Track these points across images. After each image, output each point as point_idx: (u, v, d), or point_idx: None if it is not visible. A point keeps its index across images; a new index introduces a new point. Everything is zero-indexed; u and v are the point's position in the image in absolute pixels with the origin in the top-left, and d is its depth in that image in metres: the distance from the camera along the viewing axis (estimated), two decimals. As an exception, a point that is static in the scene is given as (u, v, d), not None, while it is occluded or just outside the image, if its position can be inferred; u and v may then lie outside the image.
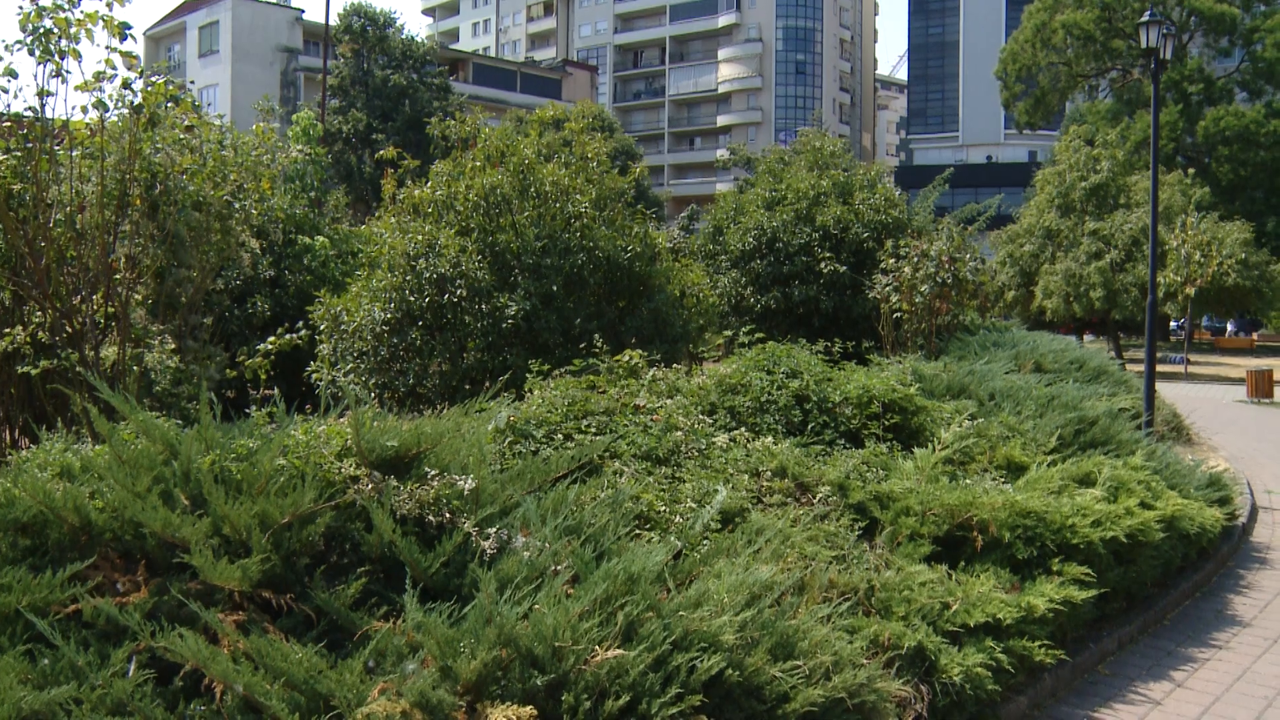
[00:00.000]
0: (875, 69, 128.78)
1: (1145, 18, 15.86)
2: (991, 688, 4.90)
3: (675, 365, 8.88)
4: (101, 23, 7.12)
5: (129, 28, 7.28)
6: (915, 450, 7.16)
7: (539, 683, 3.81)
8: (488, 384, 7.89)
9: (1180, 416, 15.44)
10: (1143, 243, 35.17)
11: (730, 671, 4.06)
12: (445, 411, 5.99)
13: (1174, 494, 7.62)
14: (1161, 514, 6.98)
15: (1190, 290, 35.82)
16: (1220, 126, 59.98)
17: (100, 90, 7.26)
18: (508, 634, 3.87)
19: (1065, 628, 5.84)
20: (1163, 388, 17.49)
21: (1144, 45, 15.84)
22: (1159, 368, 25.10)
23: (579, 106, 54.08)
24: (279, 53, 60.75)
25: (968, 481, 6.68)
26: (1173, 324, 54.74)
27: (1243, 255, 38.73)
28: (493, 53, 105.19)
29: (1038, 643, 5.27)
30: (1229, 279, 37.78)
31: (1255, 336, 64.40)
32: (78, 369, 6.97)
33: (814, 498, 5.98)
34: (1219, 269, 36.80)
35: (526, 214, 11.74)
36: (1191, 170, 49.15)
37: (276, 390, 6.20)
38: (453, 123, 13.04)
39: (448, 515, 4.64)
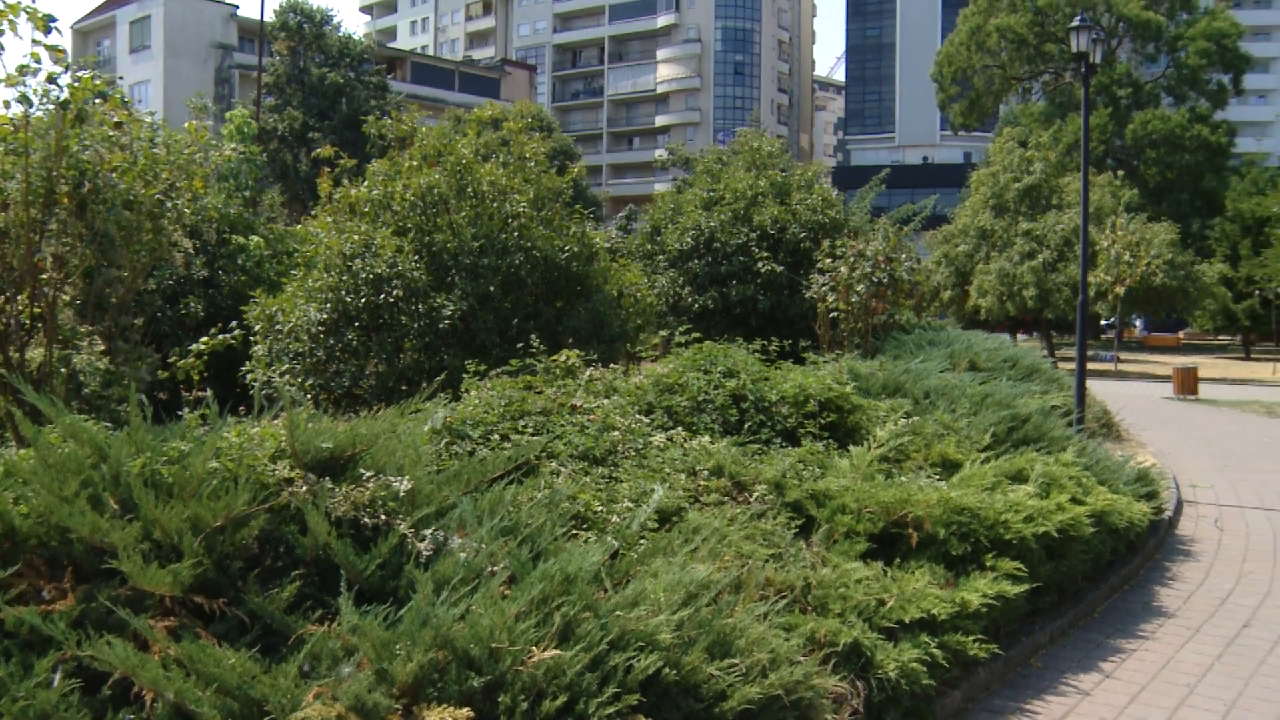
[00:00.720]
0: (813, 70, 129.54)
1: (1075, 23, 16.10)
2: (926, 682, 4.94)
3: (613, 365, 8.87)
4: (25, 15, 6.97)
5: (54, 20, 7.13)
6: (851, 448, 7.21)
7: (476, 684, 3.79)
8: (424, 384, 7.85)
9: (1110, 413, 15.70)
10: (1074, 243, 35.70)
11: (667, 670, 4.06)
12: (381, 412, 5.94)
13: (1104, 489, 7.75)
14: (1092, 509, 7.10)
15: (1120, 290, 36.45)
16: (1148, 130, 61.26)
17: (24, 85, 7.10)
18: (444, 635, 3.84)
19: (999, 622, 5.91)
20: (1093, 385, 17.77)
21: (1074, 49, 16.08)
22: (1090, 365, 25.50)
23: (517, 106, 53.85)
24: (213, 49, 59.87)
25: (903, 479, 6.74)
26: (1103, 322, 55.64)
27: (1169, 255, 39.50)
28: (431, 51, 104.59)
29: (972, 637, 5.33)
30: (1157, 279, 38.50)
31: (1181, 335, 65.67)
32: (1, 371, 6.82)
33: (751, 496, 6.00)
34: (1147, 269, 37.47)
35: (464, 214, 11.68)
36: (1121, 172, 50.00)
37: (210, 392, 6.12)
38: (390, 122, 12.94)
39: (383, 517, 4.60)
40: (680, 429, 6.97)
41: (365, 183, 12.04)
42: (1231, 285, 50.97)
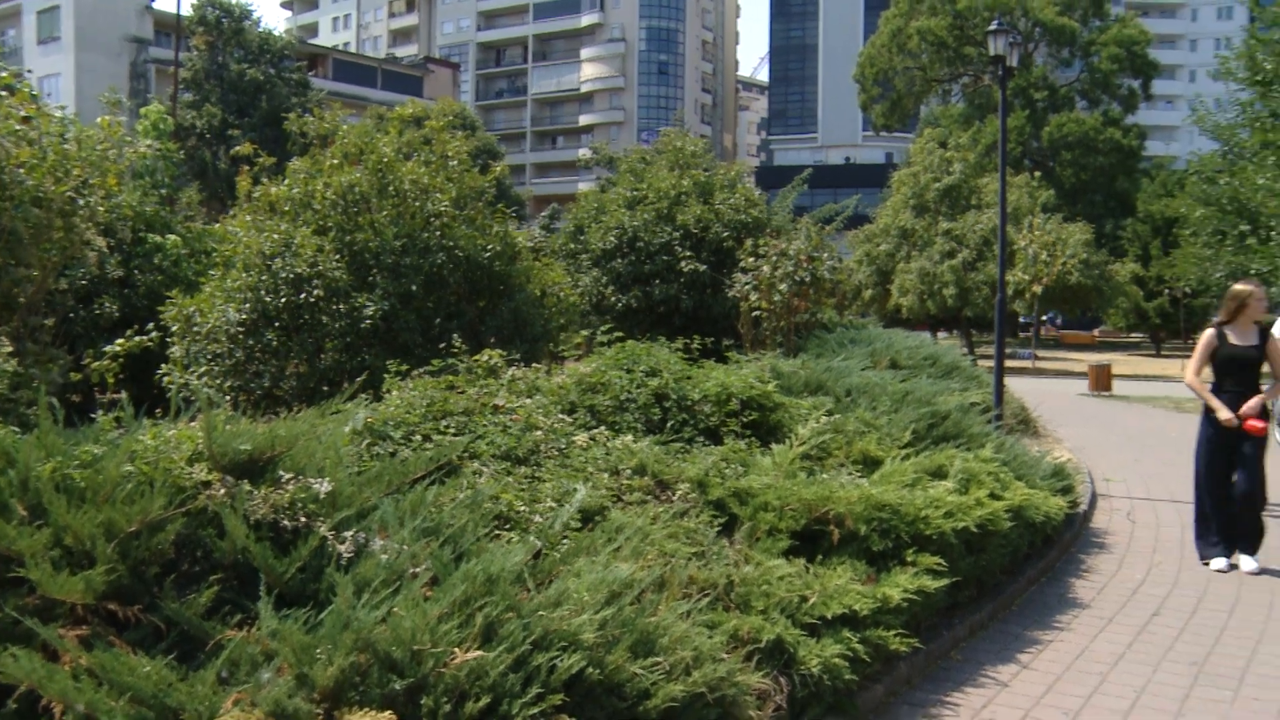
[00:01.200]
0: (737, 70, 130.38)
1: (993, 27, 16.35)
2: (849, 677, 4.98)
3: (535, 364, 8.85)
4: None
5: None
6: (773, 446, 7.25)
7: (398, 687, 3.76)
8: (346, 385, 7.77)
9: (1028, 410, 15.96)
10: (993, 242, 36.30)
11: (591, 670, 4.06)
12: (302, 414, 5.87)
13: (1021, 484, 7.85)
14: (1010, 504, 7.18)
15: (1037, 288, 37.12)
16: (1063, 132, 62.56)
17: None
18: (365, 638, 3.81)
19: (919, 616, 5.97)
20: (1012, 382, 18.08)
21: (992, 53, 16.34)
22: (1008, 363, 25.91)
23: (440, 104, 53.47)
24: (127, 43, 58.46)
25: (825, 476, 6.78)
26: (1021, 319, 56.61)
27: (1084, 255, 40.31)
28: (353, 48, 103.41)
29: (893, 632, 5.38)
30: (1072, 278, 39.28)
31: (1096, 333, 67.06)
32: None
33: (674, 495, 6.01)
34: (1063, 268, 38.22)
35: (385, 213, 11.58)
36: (1038, 173, 50.93)
37: (125, 394, 6.00)
38: (311, 119, 12.79)
39: (304, 519, 4.55)
40: (603, 428, 6.97)
41: (285, 181, 11.88)
42: (1143, 284, 52.27)
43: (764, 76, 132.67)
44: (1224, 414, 8.04)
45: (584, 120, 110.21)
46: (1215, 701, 5.49)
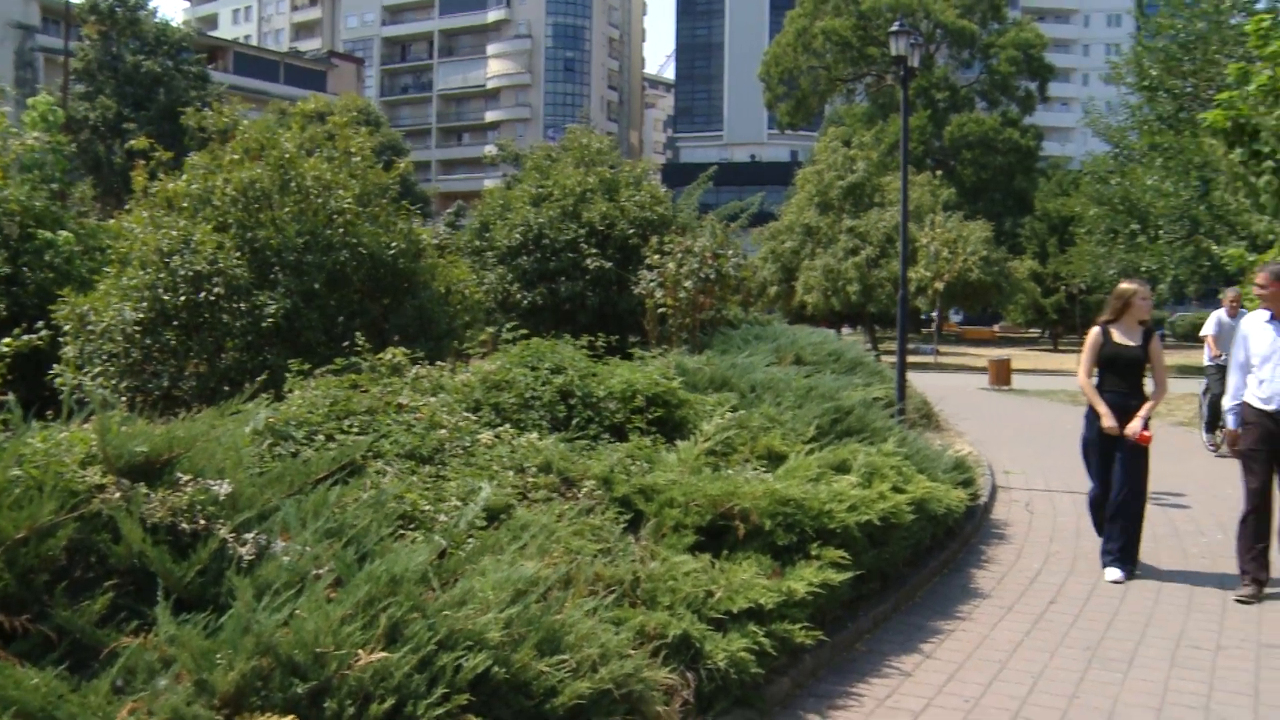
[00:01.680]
0: (643, 68, 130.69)
1: (895, 28, 16.58)
2: (755, 671, 5.02)
3: (440, 363, 8.77)
4: None
5: None
6: (679, 443, 7.27)
7: (301, 690, 3.71)
8: (247, 385, 7.64)
9: (930, 404, 16.26)
10: (896, 240, 36.87)
11: (497, 669, 4.04)
12: (201, 414, 5.76)
13: (923, 478, 7.95)
14: (912, 497, 7.28)
15: (939, 285, 37.82)
16: (964, 132, 63.88)
17: None
18: (267, 642, 3.75)
19: (824, 609, 6.02)
20: (914, 377, 18.36)
21: (894, 53, 16.58)
22: (911, 358, 26.32)
23: (344, 99, 52.87)
24: (11, 29, 56.36)
25: (730, 472, 6.82)
26: (924, 315, 57.62)
27: (985, 252, 41.11)
28: (255, 42, 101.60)
29: (798, 625, 5.42)
30: (973, 274, 40.04)
31: (996, 328, 68.47)
32: None
33: (579, 492, 6.01)
34: (964, 265, 38.98)
35: (287, 209, 11.39)
36: (939, 172, 51.90)
37: (13, 396, 5.83)
38: (210, 113, 12.54)
39: (203, 522, 4.46)
40: (508, 426, 6.94)
41: (184, 177, 11.63)
42: (1040, 281, 53.64)
43: (670, 74, 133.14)
44: (1108, 421, 7.84)
45: (490, 117, 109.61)
46: (1107, 684, 5.65)
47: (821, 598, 5.79)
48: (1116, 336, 8.05)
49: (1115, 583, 7.75)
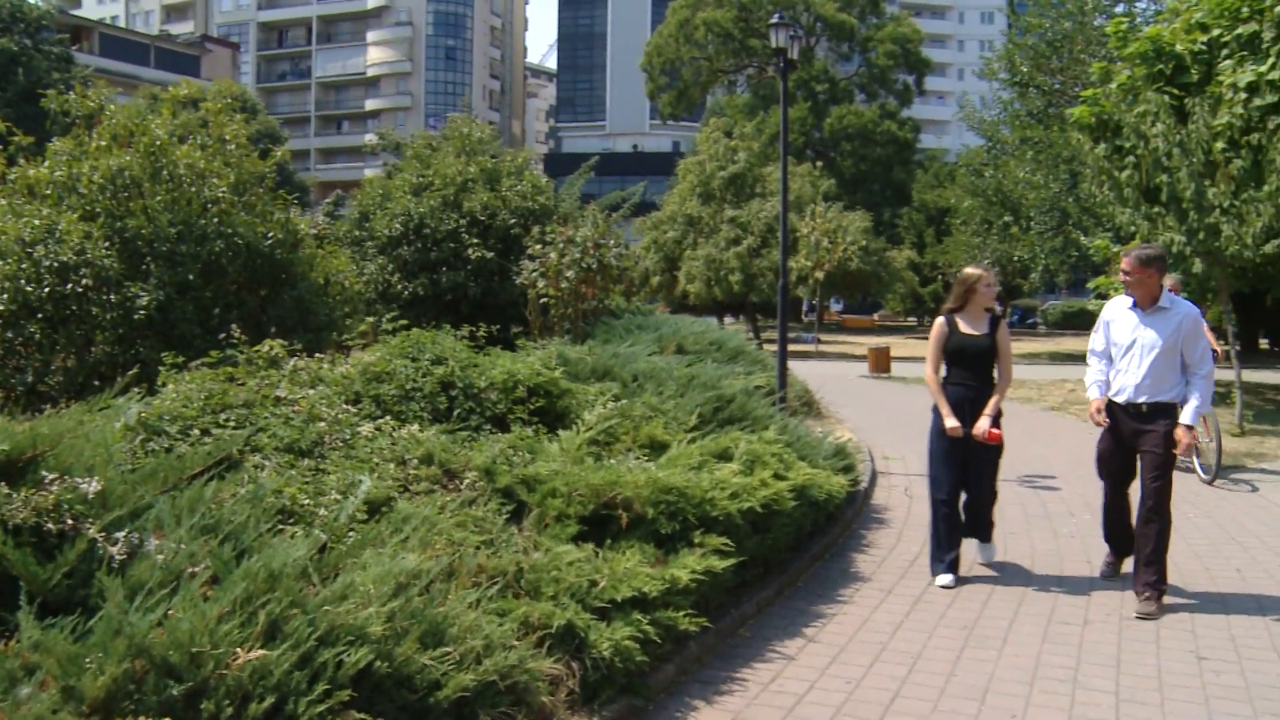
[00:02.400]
0: (525, 57, 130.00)
1: (775, 20, 16.74)
2: (640, 659, 5.03)
3: (319, 355, 8.62)
4: None
5: None
6: (561, 433, 7.26)
7: (176, 692, 3.61)
8: (118, 379, 7.44)
9: (811, 392, 16.48)
10: (777, 229, 37.30)
11: (379, 663, 3.99)
12: (68, 410, 5.59)
13: (804, 465, 8.05)
14: (793, 484, 7.36)
15: (820, 274, 38.37)
16: (843, 124, 64.97)
17: None
18: (139, 644, 3.64)
19: (708, 596, 6.06)
20: (795, 365, 18.63)
21: (774, 45, 16.74)
22: (792, 347, 26.72)
23: (218, 85, 51.59)
24: None
25: (612, 461, 6.82)
26: (804, 304, 58.49)
27: (864, 242, 41.83)
28: (123, 23, 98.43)
29: (682, 613, 5.45)
30: (853, 264, 40.72)
31: (876, 317, 69.76)
32: None
33: (461, 483, 5.97)
34: (844, 254, 39.61)
35: (159, 198, 11.11)
36: (819, 163, 52.75)
37: None
38: (74, 97, 12.14)
39: (70, 522, 4.32)
40: (388, 418, 6.86)
41: (46, 163, 11.26)
42: (918, 270, 54.87)
43: (552, 64, 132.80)
44: (950, 422, 7.35)
45: (370, 105, 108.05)
46: (983, 662, 5.81)
47: (705, 585, 5.82)
48: (962, 326, 7.54)
49: (946, 588, 7.38)
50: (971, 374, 7.49)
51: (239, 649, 3.74)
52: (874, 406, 19.34)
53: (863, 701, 5.25)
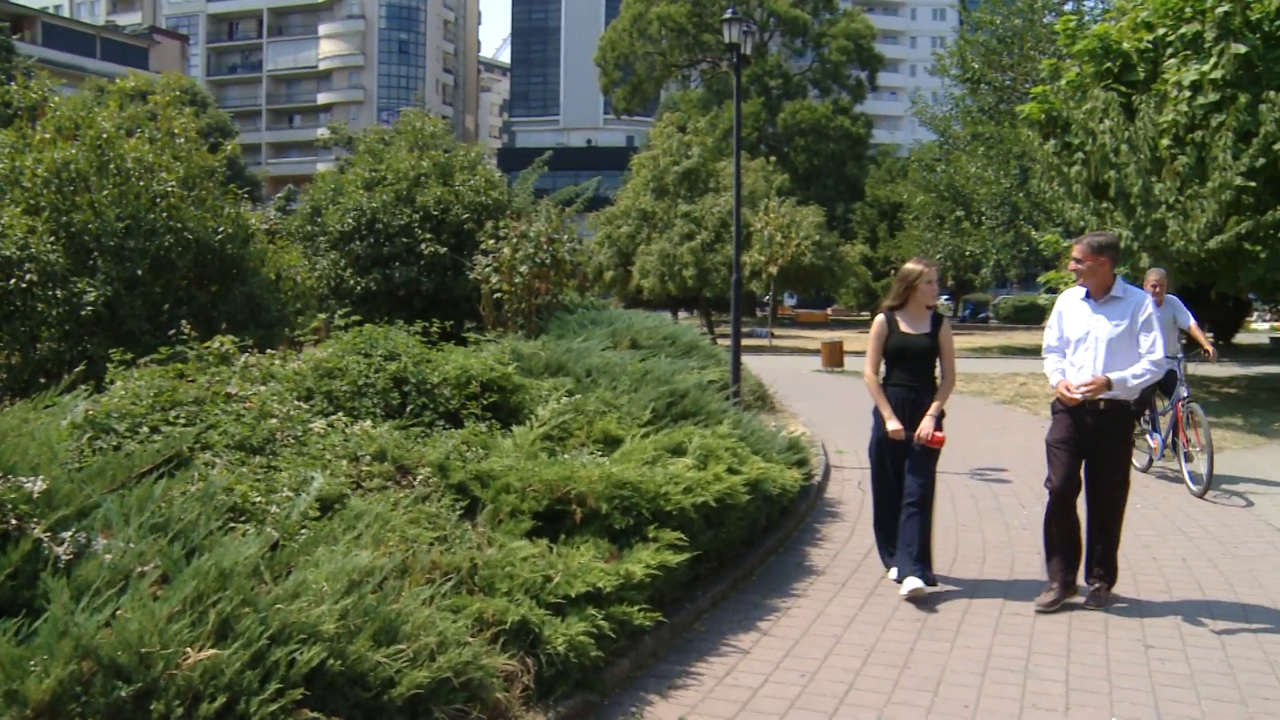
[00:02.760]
0: (479, 51, 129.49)
1: (728, 15, 16.76)
2: (595, 654, 5.03)
3: (271, 351, 8.56)
4: None
5: None
6: (514, 428, 7.23)
7: (124, 694, 3.57)
8: (65, 375, 7.34)
9: (764, 386, 16.52)
10: (730, 224, 37.38)
11: (332, 661, 3.96)
12: (12, 407, 5.50)
13: (758, 459, 8.06)
14: (747, 478, 7.38)
15: (773, 269, 38.50)
16: (797, 119, 65.30)
17: None
18: (86, 645, 3.59)
19: (662, 590, 6.06)
20: (749, 360, 18.67)
21: (728, 40, 16.76)
22: (746, 341, 26.79)
23: (166, 78, 50.98)
24: None
25: (566, 456, 6.81)
26: (758, 299, 58.67)
27: (817, 237, 42.02)
28: (66, 13, 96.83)
29: (637, 607, 5.45)
30: (806, 258, 40.88)
31: (829, 311, 70.11)
32: None
33: (414, 480, 5.93)
34: (797, 249, 39.79)
35: (107, 192, 10.97)
36: (773, 158, 52.84)
37: None
38: (16, 88, 11.96)
39: (14, 522, 4.26)
40: (341, 414, 6.80)
41: (-13, 156, 11.11)
42: (871, 264, 55.26)
43: (506, 58, 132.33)
44: (892, 424, 6.99)
45: (322, 99, 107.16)
46: (936, 654, 5.86)
47: (659, 579, 5.83)
48: (903, 325, 7.14)
49: (914, 593, 6.86)
50: (912, 375, 7.13)
51: (189, 649, 3.70)
52: (827, 401, 19.43)
53: (817, 694, 5.28)
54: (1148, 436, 11.50)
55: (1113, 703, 5.17)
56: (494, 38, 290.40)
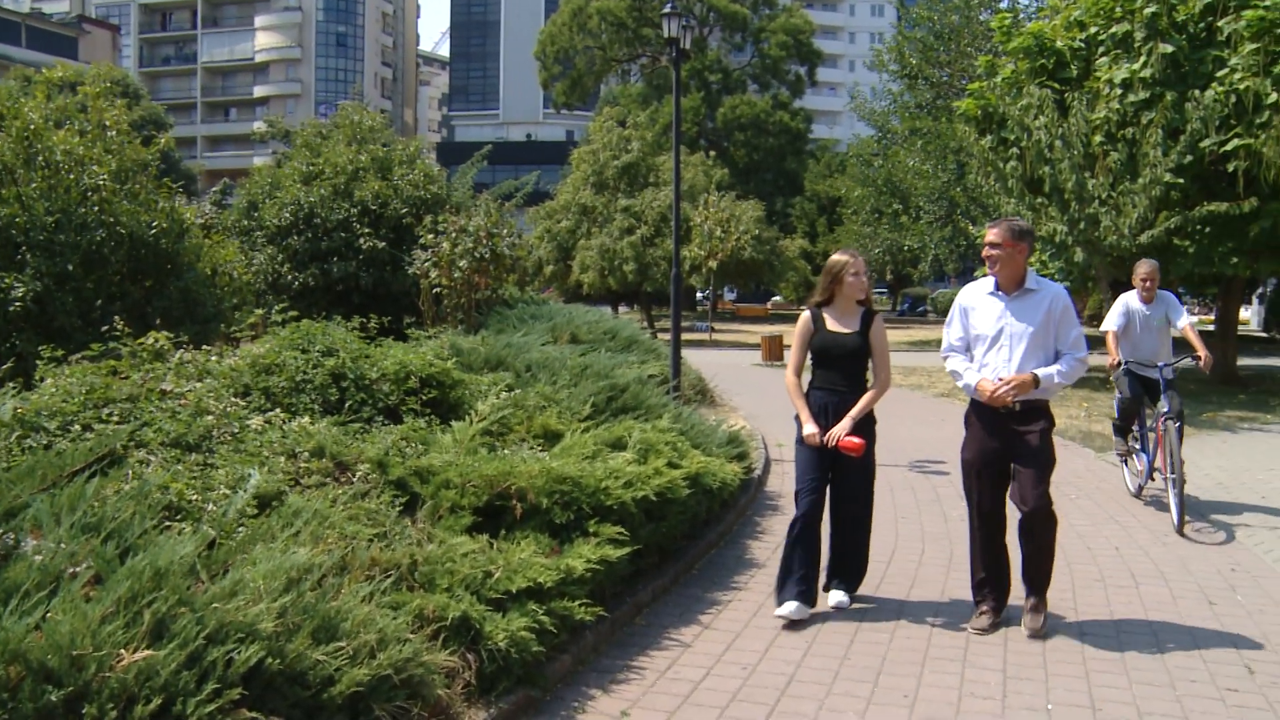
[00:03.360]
0: (418, 45, 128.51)
1: (667, 9, 16.78)
2: (536, 649, 5.02)
3: (207, 347, 8.45)
4: None
5: None
6: (454, 424, 7.21)
7: (55, 698, 3.51)
8: (-8, 373, 7.21)
9: (705, 380, 16.58)
10: (670, 219, 37.45)
11: (270, 660, 3.92)
12: (-62, 406, 5.39)
13: (698, 453, 8.10)
14: (687, 472, 7.40)
15: (713, 263, 38.59)
16: (736, 114, 65.56)
17: None
18: (15, 649, 3.52)
19: (604, 585, 6.07)
20: (689, 354, 18.71)
21: (667, 35, 16.77)
22: (686, 335, 26.83)
23: (96, 68, 50.05)
24: None
25: (506, 452, 6.81)
26: (698, 293, 58.85)
27: (757, 231, 42.16)
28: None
29: (578, 602, 5.45)
30: (746, 253, 41.01)
31: (769, 305, 70.45)
32: None
33: (354, 476, 5.90)
34: (737, 244, 39.93)
35: (35, 185, 10.76)
36: (713, 153, 52.99)
37: None
38: (-61, 79, 11.72)
39: (-60, 522, 4.19)
40: (279, 410, 6.74)
41: (-94, 148, 10.86)
42: (811, 259, 55.50)
43: (445, 52, 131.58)
44: (809, 428, 6.36)
45: (259, 92, 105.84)
46: (875, 643, 5.92)
47: (600, 574, 5.83)
48: (830, 322, 6.47)
49: (838, 607, 6.59)
50: (840, 376, 6.45)
51: (123, 650, 3.65)
52: (767, 395, 19.51)
53: (759, 686, 5.31)
54: (1134, 456, 10.23)
55: (1049, 690, 5.25)
56: (433, 31, 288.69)
